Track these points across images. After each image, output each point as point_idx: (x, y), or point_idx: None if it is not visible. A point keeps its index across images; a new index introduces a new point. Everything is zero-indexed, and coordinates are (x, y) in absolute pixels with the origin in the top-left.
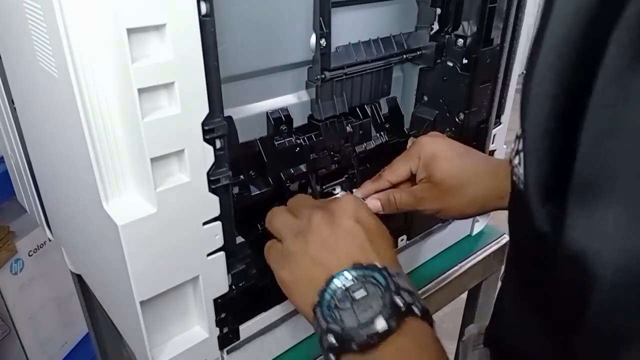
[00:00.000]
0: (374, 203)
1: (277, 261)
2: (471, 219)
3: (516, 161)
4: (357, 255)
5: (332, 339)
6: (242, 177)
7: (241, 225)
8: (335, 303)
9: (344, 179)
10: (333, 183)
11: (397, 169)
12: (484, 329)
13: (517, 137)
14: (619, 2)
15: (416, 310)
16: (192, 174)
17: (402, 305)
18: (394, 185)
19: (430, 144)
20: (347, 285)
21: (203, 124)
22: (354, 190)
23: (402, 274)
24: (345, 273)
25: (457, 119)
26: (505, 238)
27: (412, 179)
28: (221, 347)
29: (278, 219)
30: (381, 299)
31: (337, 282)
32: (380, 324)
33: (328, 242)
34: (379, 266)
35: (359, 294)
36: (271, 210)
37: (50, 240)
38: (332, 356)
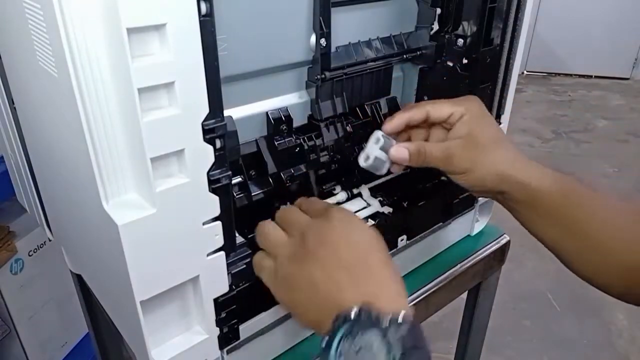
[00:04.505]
0: (402, 152)
1: (270, 281)
2: (471, 220)
3: None
4: (351, 291)
5: None
6: (242, 177)
7: (241, 225)
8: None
9: (344, 179)
10: (333, 183)
11: (442, 108)
12: None
13: None
14: None
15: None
16: (192, 174)
17: None
18: (427, 125)
19: (480, 103)
20: (346, 335)
21: (203, 124)
22: (384, 124)
23: (400, 321)
24: (343, 327)
25: None
26: (506, 238)
27: (438, 128)
28: (221, 347)
29: (268, 235)
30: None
31: (339, 333)
32: None
33: (323, 270)
34: (374, 317)
35: (357, 347)
36: (259, 224)
37: (50, 240)
38: None
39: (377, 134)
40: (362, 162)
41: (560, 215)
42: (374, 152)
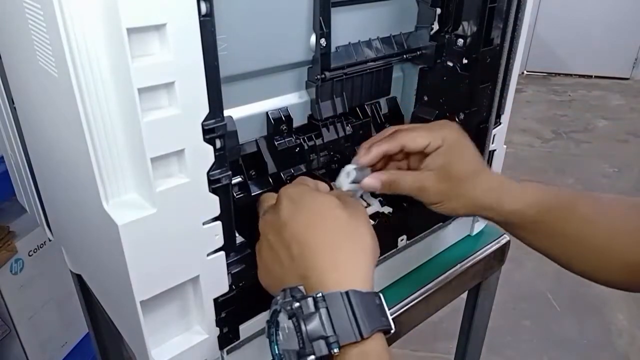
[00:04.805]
0: (374, 183)
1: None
2: (471, 219)
3: None
4: (289, 274)
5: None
6: (242, 177)
7: (241, 225)
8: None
9: None
10: (333, 183)
11: (418, 138)
12: None
13: None
14: None
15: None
16: (192, 174)
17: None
18: (403, 155)
19: (459, 131)
20: (278, 309)
21: (203, 124)
22: (359, 156)
23: (312, 310)
24: (272, 309)
25: (457, 119)
26: (505, 238)
27: (416, 156)
28: (221, 347)
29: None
30: (297, 341)
31: (274, 306)
32: None
33: (272, 253)
34: (292, 304)
35: (284, 324)
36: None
37: (50, 240)
38: None
39: (348, 168)
40: None
41: (546, 228)
42: (344, 186)
